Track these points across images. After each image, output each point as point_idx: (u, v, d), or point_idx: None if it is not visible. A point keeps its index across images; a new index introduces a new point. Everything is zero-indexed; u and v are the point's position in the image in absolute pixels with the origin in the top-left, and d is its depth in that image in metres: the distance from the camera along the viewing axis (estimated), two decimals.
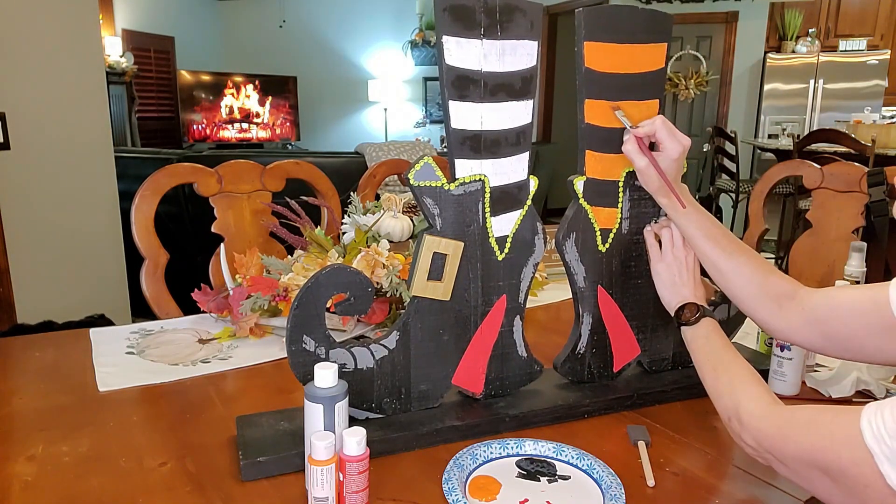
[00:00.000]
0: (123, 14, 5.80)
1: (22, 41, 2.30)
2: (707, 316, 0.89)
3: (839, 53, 5.81)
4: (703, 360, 0.85)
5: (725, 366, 0.81)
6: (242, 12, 7.75)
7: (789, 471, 0.67)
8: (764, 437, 0.69)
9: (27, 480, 0.77)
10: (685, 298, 0.92)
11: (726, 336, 0.87)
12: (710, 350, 0.85)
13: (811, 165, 1.73)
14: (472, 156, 0.86)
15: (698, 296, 0.93)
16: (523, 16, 0.85)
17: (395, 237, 1.33)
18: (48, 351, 1.17)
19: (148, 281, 1.38)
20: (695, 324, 0.89)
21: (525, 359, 0.96)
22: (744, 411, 0.72)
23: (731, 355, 0.82)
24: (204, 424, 0.91)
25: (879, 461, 0.56)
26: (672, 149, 0.90)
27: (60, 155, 2.47)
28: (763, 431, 0.69)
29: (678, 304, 0.92)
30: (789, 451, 0.66)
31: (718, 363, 0.82)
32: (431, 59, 7.72)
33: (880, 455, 0.56)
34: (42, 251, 2.41)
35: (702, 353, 0.86)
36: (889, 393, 1.02)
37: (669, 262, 0.95)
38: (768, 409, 0.71)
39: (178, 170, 1.46)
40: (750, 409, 0.72)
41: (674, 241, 0.96)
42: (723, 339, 0.86)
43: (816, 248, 1.73)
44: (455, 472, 0.77)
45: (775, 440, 0.67)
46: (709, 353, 0.85)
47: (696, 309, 0.90)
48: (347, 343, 0.85)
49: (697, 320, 0.89)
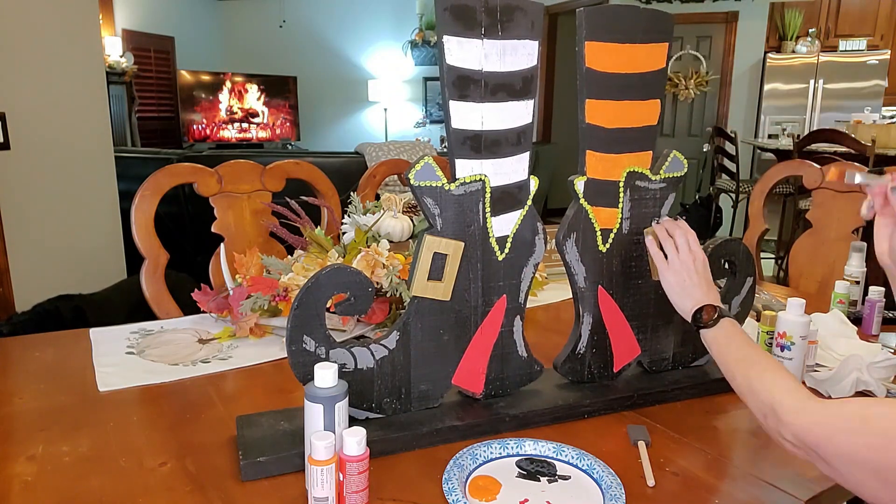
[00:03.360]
0: (123, 14, 5.80)
1: (22, 41, 2.30)
2: (725, 316, 0.87)
3: (839, 53, 5.81)
4: (729, 360, 0.83)
5: (753, 362, 0.78)
6: (242, 12, 7.75)
7: (832, 470, 0.63)
8: (806, 433, 0.65)
9: (27, 480, 0.77)
10: (699, 301, 0.90)
11: (747, 334, 0.85)
12: (736, 349, 0.83)
13: (811, 165, 1.73)
14: (473, 156, 0.86)
15: (712, 296, 0.91)
16: (524, 15, 0.85)
17: (395, 237, 1.33)
18: (48, 351, 1.17)
19: (148, 281, 1.38)
20: (714, 325, 0.87)
21: (525, 359, 0.96)
22: (780, 406, 0.69)
23: (758, 352, 0.80)
24: (204, 424, 0.91)
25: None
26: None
27: (60, 155, 2.47)
28: (804, 427, 0.65)
29: (693, 308, 0.90)
30: (835, 449, 0.61)
31: (746, 361, 0.79)
32: (431, 59, 7.72)
33: None
34: (42, 251, 2.41)
35: (726, 354, 0.84)
36: (890, 393, 1.02)
37: (677, 269, 0.93)
38: (809, 404, 0.67)
39: (178, 170, 1.46)
40: (787, 404, 0.68)
41: (678, 247, 0.94)
42: (745, 337, 0.84)
43: (816, 248, 1.73)
44: (455, 472, 0.77)
45: (819, 437, 0.63)
46: (734, 352, 0.83)
47: (713, 310, 0.88)
48: (347, 343, 0.85)
49: (716, 322, 0.87)
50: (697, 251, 0.94)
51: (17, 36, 2.28)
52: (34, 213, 2.38)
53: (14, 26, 2.28)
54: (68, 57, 2.49)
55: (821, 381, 1.03)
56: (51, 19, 2.41)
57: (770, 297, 1.47)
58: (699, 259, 0.94)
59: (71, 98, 2.51)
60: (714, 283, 0.94)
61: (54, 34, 2.43)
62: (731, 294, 1.09)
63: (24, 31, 2.32)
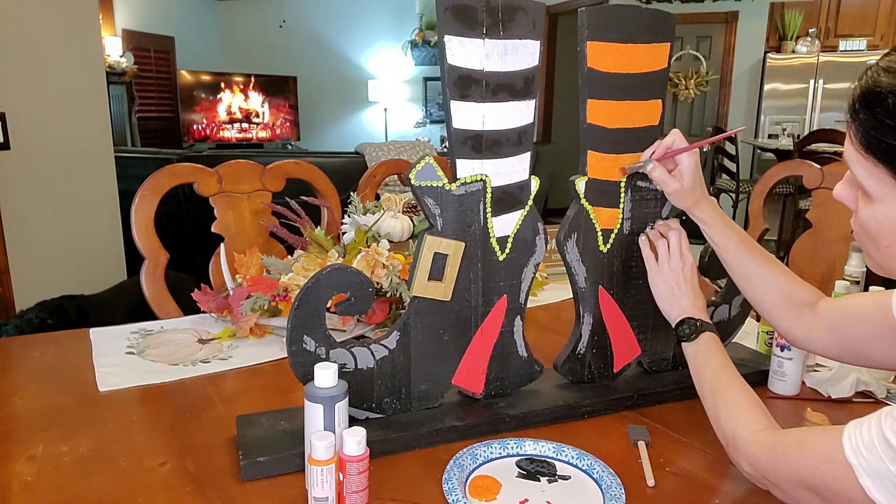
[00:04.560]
0: (123, 14, 5.80)
1: (22, 41, 2.30)
2: (706, 330, 0.89)
3: (839, 53, 5.81)
4: (701, 381, 0.85)
5: (723, 389, 0.81)
6: (242, 12, 7.75)
7: (784, 494, 0.68)
8: (758, 461, 0.70)
9: (27, 480, 0.77)
10: (684, 311, 0.92)
11: (725, 352, 0.87)
12: (710, 371, 0.84)
13: (811, 165, 1.73)
14: (474, 156, 0.86)
15: (698, 305, 0.92)
16: (525, 15, 0.84)
17: (395, 237, 1.32)
18: (48, 351, 1.16)
19: (148, 281, 1.38)
20: (695, 339, 0.88)
21: (525, 359, 0.96)
22: (739, 438, 0.73)
23: (728, 376, 0.82)
24: (204, 424, 0.91)
25: (859, 475, 0.57)
26: (689, 161, 0.92)
27: (60, 155, 2.47)
28: (756, 456, 0.70)
29: (678, 318, 0.92)
30: (781, 474, 0.67)
31: (717, 386, 0.82)
32: (431, 59, 7.72)
33: (859, 468, 0.57)
34: (42, 251, 2.41)
35: (701, 375, 0.86)
36: (890, 393, 1.02)
37: (666, 274, 0.95)
38: (762, 434, 0.72)
39: (178, 170, 1.46)
40: (745, 436, 0.73)
41: (669, 251, 0.95)
42: (721, 357, 0.85)
43: (816, 248, 1.73)
44: (455, 472, 0.77)
45: (768, 464, 0.68)
46: (707, 374, 0.84)
47: (694, 324, 0.90)
48: (347, 343, 0.85)
49: (697, 336, 0.89)
50: (687, 255, 0.95)
51: (17, 36, 2.28)
52: (34, 213, 2.38)
53: (14, 26, 2.28)
54: (68, 57, 2.49)
55: (821, 381, 1.03)
56: (51, 19, 2.41)
57: None
58: (688, 264, 0.95)
59: (71, 98, 2.51)
60: (714, 283, 0.95)
61: (54, 34, 2.43)
62: (732, 294, 1.09)
63: (25, 31, 2.32)
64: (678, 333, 0.91)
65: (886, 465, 0.55)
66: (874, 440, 0.56)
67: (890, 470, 0.54)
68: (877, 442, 0.56)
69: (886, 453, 0.55)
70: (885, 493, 0.55)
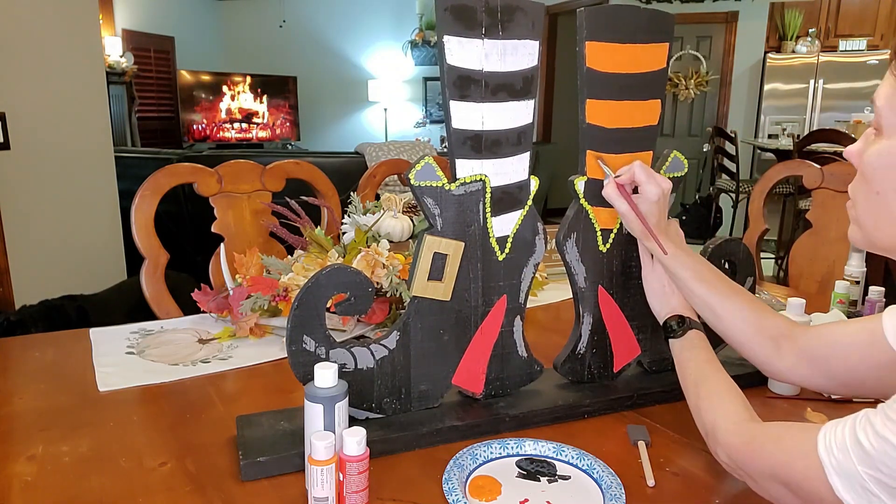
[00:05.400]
0: (123, 14, 5.81)
1: (22, 41, 2.30)
2: (693, 328, 0.90)
3: (839, 53, 5.81)
4: (685, 375, 0.85)
5: (705, 381, 0.81)
6: (242, 12, 7.76)
7: (758, 486, 0.68)
8: (735, 452, 0.70)
9: (27, 480, 0.77)
10: (673, 309, 0.93)
11: (710, 349, 0.87)
12: (693, 365, 0.85)
13: (811, 165, 1.73)
14: (473, 156, 0.86)
15: (687, 305, 0.93)
16: (524, 15, 0.84)
17: (395, 237, 1.32)
18: (48, 351, 1.16)
19: (148, 281, 1.38)
20: (681, 336, 0.89)
21: (525, 359, 0.96)
22: (718, 428, 0.73)
23: (713, 370, 0.82)
24: (204, 424, 0.91)
25: (829, 473, 0.57)
26: (651, 192, 0.89)
27: (60, 155, 2.47)
28: (734, 446, 0.70)
29: (666, 315, 0.93)
30: (756, 466, 0.67)
31: (700, 378, 0.82)
32: (431, 59, 7.72)
33: (829, 467, 0.57)
34: (42, 251, 2.41)
35: (685, 369, 0.86)
36: None
37: (660, 273, 0.95)
38: (742, 426, 0.72)
39: (178, 170, 1.46)
40: (724, 426, 0.73)
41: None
42: (706, 353, 0.86)
43: (816, 248, 1.73)
44: (455, 472, 0.77)
45: (745, 455, 0.68)
46: (691, 368, 0.85)
47: (681, 320, 0.90)
48: (347, 343, 0.85)
49: (684, 332, 0.89)
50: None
51: (17, 36, 2.28)
52: (34, 213, 2.38)
53: (14, 26, 2.28)
54: (68, 57, 2.49)
55: None
56: (51, 19, 2.41)
57: (770, 297, 1.47)
58: None
59: (71, 98, 2.51)
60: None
61: (54, 34, 2.43)
62: None
63: (24, 31, 2.32)
64: (665, 330, 0.92)
65: (855, 465, 0.55)
66: (846, 440, 0.56)
67: (858, 470, 0.55)
68: (849, 442, 0.56)
69: (856, 453, 0.55)
70: (853, 494, 0.55)
